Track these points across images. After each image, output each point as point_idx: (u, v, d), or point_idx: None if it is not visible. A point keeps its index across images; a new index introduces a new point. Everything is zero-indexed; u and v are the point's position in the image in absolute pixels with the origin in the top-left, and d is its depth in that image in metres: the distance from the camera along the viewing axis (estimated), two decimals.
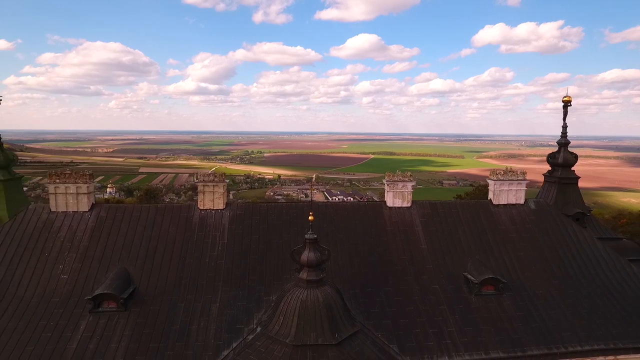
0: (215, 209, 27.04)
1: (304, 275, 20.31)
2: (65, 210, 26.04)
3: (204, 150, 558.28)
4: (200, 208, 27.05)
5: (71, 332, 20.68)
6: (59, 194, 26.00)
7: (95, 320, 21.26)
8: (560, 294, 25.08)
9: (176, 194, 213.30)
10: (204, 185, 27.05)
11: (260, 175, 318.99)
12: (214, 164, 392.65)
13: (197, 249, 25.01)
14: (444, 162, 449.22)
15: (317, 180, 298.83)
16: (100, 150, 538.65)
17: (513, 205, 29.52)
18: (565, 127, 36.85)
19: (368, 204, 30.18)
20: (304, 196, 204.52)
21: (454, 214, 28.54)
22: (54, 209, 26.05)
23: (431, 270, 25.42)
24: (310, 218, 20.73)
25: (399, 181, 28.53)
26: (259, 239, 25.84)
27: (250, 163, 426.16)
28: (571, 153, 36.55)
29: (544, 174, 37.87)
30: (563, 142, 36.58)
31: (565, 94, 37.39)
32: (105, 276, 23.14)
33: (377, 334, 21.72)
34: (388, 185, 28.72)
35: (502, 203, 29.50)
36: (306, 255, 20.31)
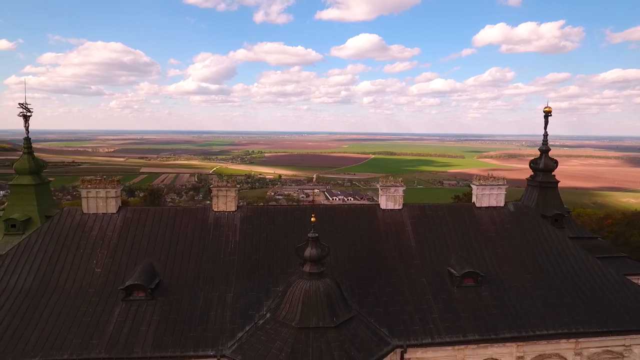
0: (227, 210, 30.42)
1: (307, 268, 23.68)
2: (96, 212, 29.47)
3: (204, 150, 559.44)
4: (214, 210, 30.42)
5: (107, 317, 24.12)
6: (90, 197, 29.45)
7: (127, 307, 24.69)
8: (533, 286, 28.40)
9: (177, 194, 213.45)
10: (217, 190, 30.45)
11: (261, 175, 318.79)
12: (214, 164, 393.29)
13: (213, 246, 28.40)
14: (445, 162, 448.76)
15: (318, 180, 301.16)
16: (101, 150, 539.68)
17: (494, 207, 32.79)
18: (546, 135, 40.30)
19: (364, 207, 33.56)
20: (304, 196, 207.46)
21: (440, 215, 31.85)
22: (85, 211, 29.46)
23: (419, 266, 28.72)
24: (312, 219, 24.06)
25: (391, 186, 31.90)
26: (267, 238, 29.20)
27: (251, 163, 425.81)
28: (552, 159, 39.96)
29: (527, 178, 41.24)
30: (544, 149, 39.98)
31: (546, 105, 40.86)
32: (134, 269, 26.54)
33: (370, 319, 25.04)
34: (382, 189, 32.10)
35: (484, 206, 32.76)
36: (309, 251, 23.66)
